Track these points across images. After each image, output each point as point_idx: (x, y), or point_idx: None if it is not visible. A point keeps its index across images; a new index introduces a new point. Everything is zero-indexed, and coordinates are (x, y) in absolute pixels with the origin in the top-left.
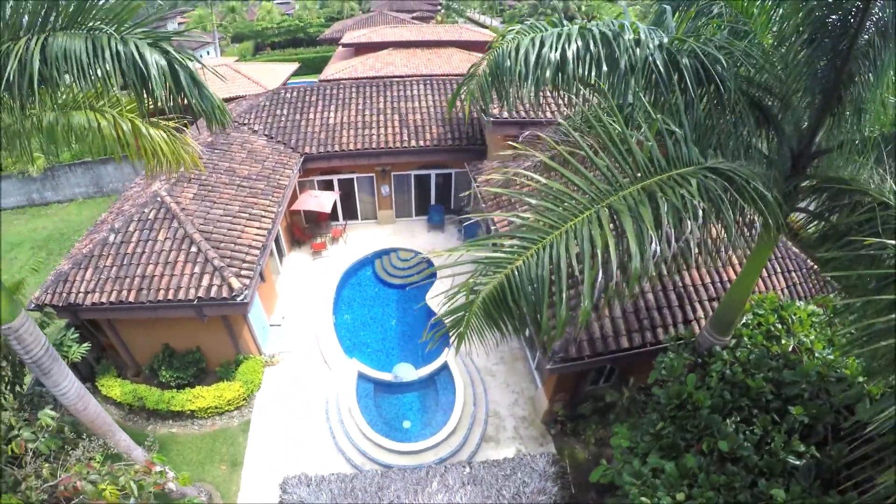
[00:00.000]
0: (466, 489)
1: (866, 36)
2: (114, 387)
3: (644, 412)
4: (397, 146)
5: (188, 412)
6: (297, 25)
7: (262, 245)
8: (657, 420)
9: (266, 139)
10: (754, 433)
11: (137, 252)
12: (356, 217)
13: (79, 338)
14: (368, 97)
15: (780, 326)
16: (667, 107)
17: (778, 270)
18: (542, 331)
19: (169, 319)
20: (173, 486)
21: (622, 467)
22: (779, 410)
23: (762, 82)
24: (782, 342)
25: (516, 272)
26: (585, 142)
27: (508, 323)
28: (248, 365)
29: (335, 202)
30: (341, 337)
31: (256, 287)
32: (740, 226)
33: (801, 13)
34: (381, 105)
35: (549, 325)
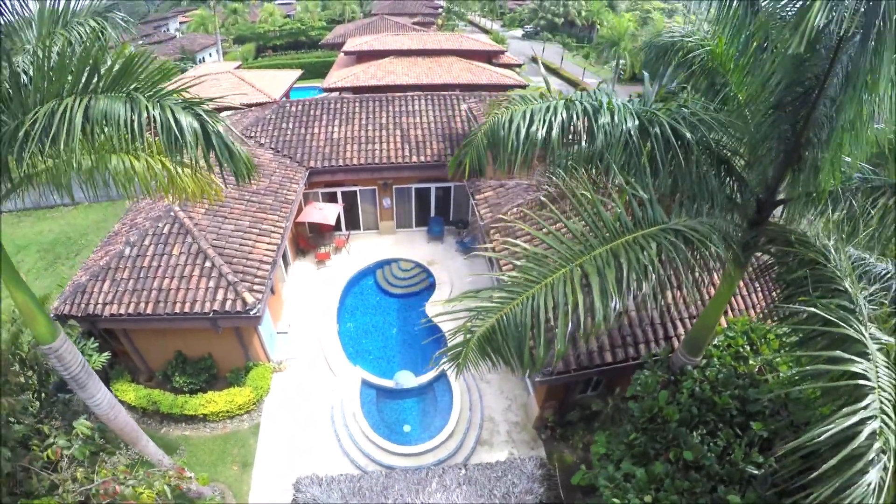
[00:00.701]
0: (462, 489)
1: (823, 107)
2: (128, 391)
3: (623, 422)
4: (399, 161)
5: (201, 416)
6: (299, 28)
7: (273, 260)
8: (631, 431)
9: (273, 153)
10: (718, 445)
11: (153, 266)
12: (358, 227)
13: (98, 346)
14: (371, 112)
15: (748, 348)
16: (635, 171)
17: (757, 289)
18: (525, 364)
19: (182, 329)
20: (193, 486)
21: (599, 472)
22: (741, 425)
23: (729, 145)
24: (749, 362)
25: (504, 318)
26: (559, 209)
27: (499, 357)
28: (258, 371)
29: (339, 214)
30: (345, 344)
31: (268, 300)
32: (696, 277)
33: (772, 79)
34: (384, 120)
35: (530, 361)
